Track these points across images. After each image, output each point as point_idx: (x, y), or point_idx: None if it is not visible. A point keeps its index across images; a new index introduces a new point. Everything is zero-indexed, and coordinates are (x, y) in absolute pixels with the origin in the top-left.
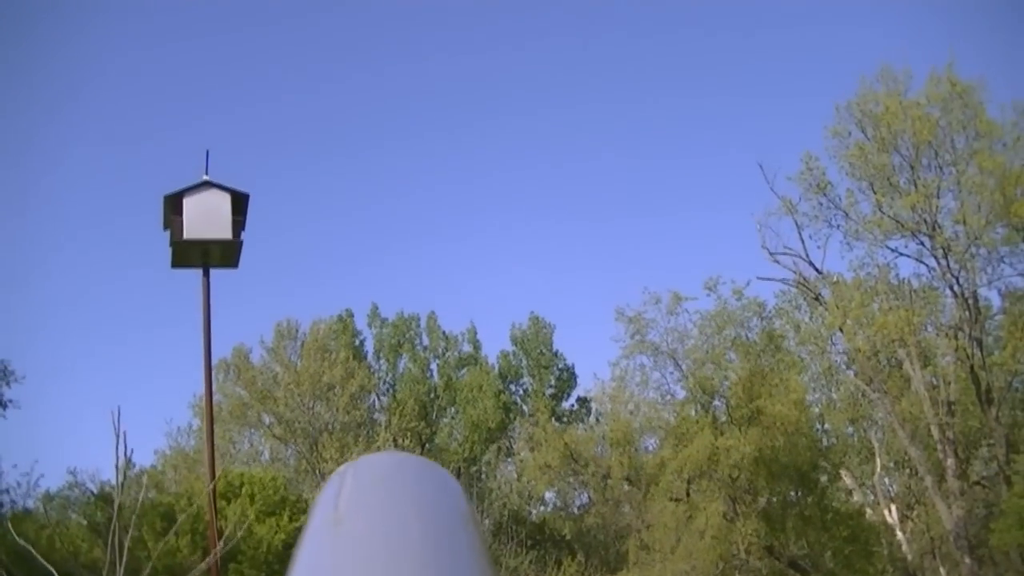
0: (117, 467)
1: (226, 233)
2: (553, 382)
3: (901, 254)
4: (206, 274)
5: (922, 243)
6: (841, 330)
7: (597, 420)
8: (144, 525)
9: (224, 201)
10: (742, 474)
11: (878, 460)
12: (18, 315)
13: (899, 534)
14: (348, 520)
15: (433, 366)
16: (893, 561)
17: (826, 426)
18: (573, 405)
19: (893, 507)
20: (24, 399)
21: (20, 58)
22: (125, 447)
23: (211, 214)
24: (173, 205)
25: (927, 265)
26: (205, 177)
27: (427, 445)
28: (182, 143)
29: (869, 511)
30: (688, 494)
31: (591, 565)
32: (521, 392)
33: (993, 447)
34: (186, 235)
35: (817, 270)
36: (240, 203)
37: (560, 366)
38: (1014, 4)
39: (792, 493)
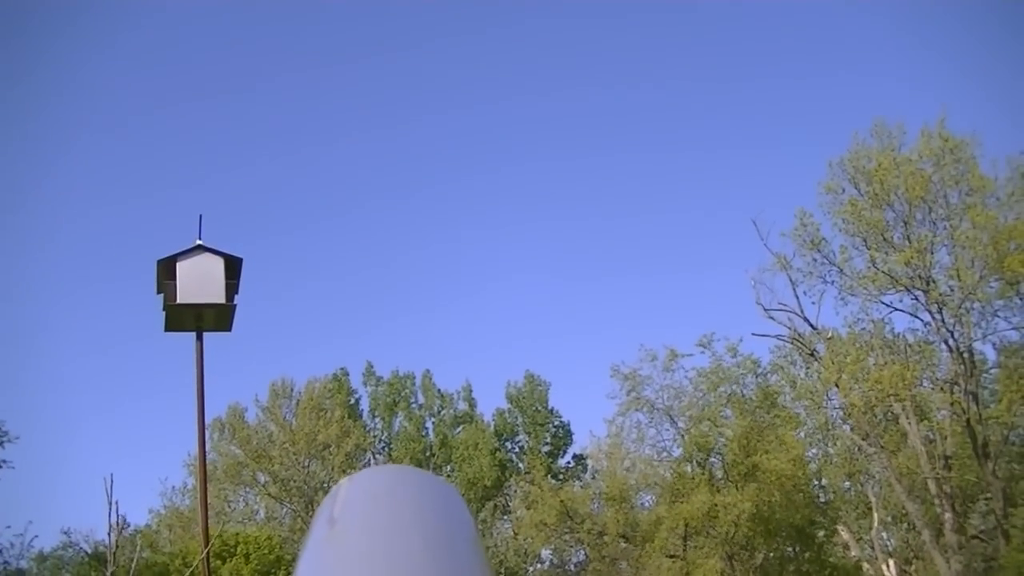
0: (110, 533)
1: (219, 297)
2: (549, 439)
3: (896, 309)
4: (199, 338)
5: (916, 298)
6: (837, 385)
7: (593, 477)
8: None
9: (217, 265)
10: (739, 530)
11: (875, 515)
12: (13, 376)
13: None
14: (346, 530)
15: (429, 424)
16: None
17: (823, 481)
18: (569, 462)
19: (891, 562)
20: (18, 459)
21: (13, 120)
22: (118, 514)
23: (204, 278)
24: (166, 269)
25: (922, 320)
26: (198, 241)
27: None
28: (176, 206)
29: (867, 566)
30: (685, 551)
31: None
32: (517, 450)
33: (990, 501)
34: (179, 299)
35: (812, 326)
36: (233, 267)
37: (556, 423)
38: (1007, 60)
39: (789, 549)
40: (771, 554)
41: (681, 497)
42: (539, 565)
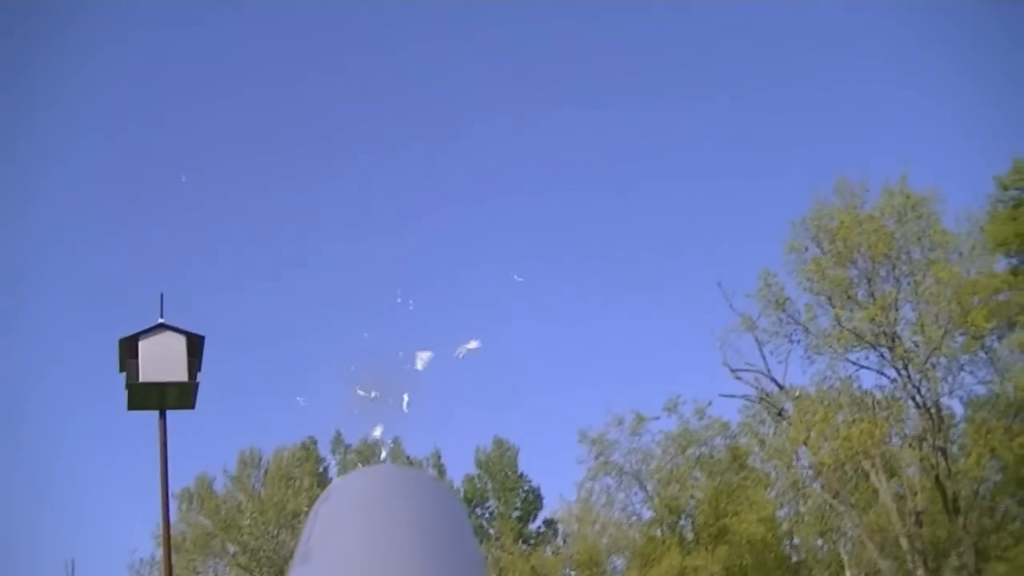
0: None
1: (182, 376)
2: (519, 504)
3: (862, 367)
4: (162, 416)
5: (882, 355)
6: (805, 444)
7: (564, 542)
8: None
9: (180, 344)
10: None
11: (848, 573)
12: None
13: None
14: (339, 531)
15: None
16: None
17: (795, 541)
18: (540, 527)
19: None
20: None
21: None
22: None
23: (167, 357)
24: (128, 348)
25: (888, 376)
26: (160, 320)
27: None
28: (136, 280)
29: None
30: None
31: None
32: (487, 515)
33: (962, 555)
34: (142, 378)
35: (779, 385)
36: (196, 345)
37: (525, 488)
38: (966, 113)
39: None
40: None
41: (651, 561)
42: None
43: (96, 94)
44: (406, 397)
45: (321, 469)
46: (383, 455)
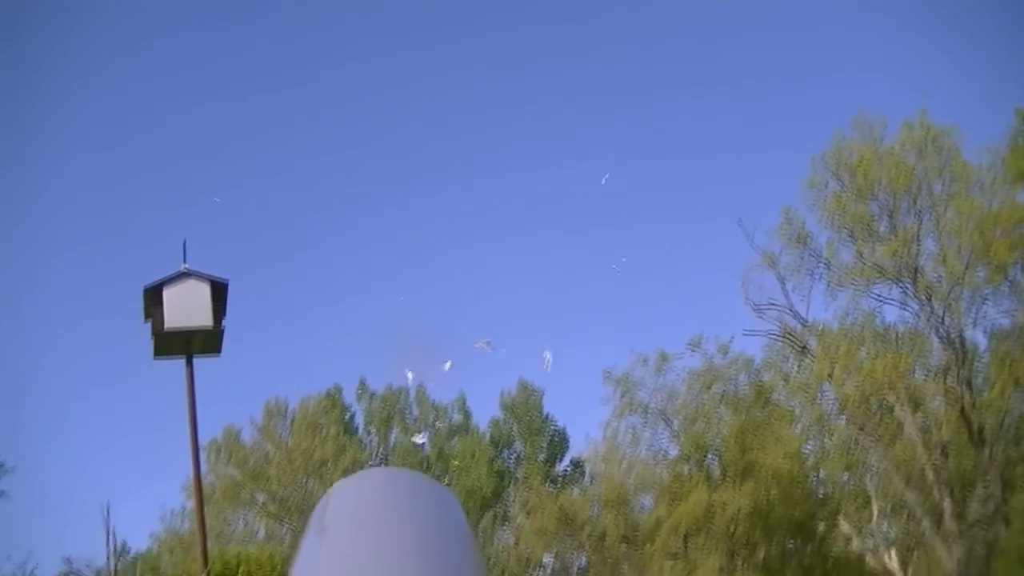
0: (109, 559)
1: (207, 321)
2: (545, 446)
3: (885, 300)
4: (189, 363)
5: (905, 288)
6: (830, 378)
7: (591, 482)
8: None
9: (204, 290)
10: (739, 528)
11: (875, 506)
12: (5, 408)
13: None
14: (338, 534)
15: (425, 435)
16: None
17: (821, 475)
18: (567, 468)
19: (893, 552)
20: (16, 490)
21: None
22: (115, 541)
23: (191, 304)
24: (153, 297)
25: (911, 310)
26: (184, 267)
27: None
28: (159, 230)
29: (869, 557)
30: (685, 550)
31: None
32: (514, 458)
33: (989, 486)
34: (167, 326)
35: (802, 321)
36: (220, 291)
37: (551, 430)
38: (986, 48)
39: (790, 543)
40: (772, 549)
41: (679, 498)
42: (541, 572)
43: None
44: (548, 356)
45: (347, 417)
46: (409, 397)
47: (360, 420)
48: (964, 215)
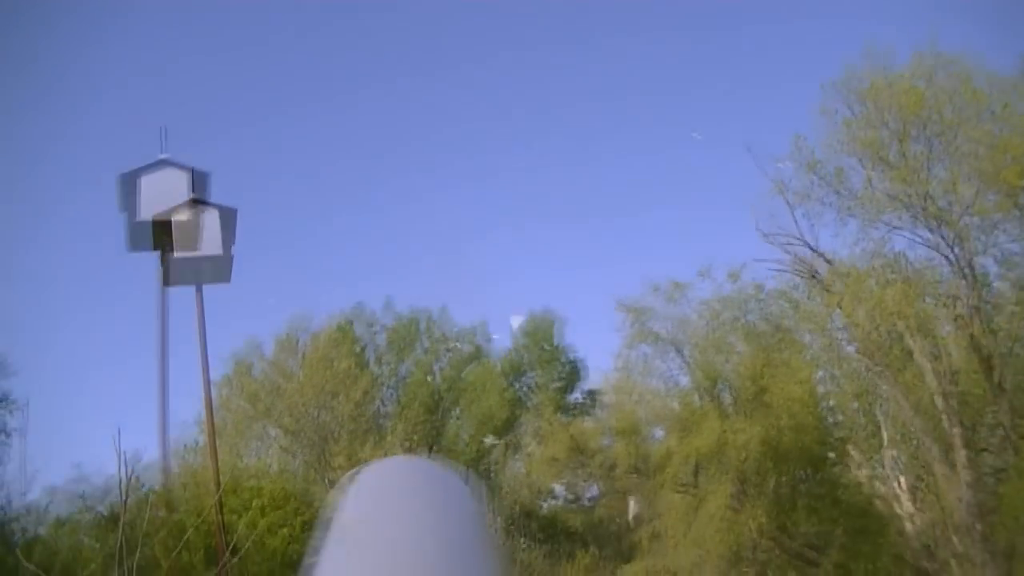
0: (121, 487)
1: (217, 249)
2: (559, 376)
3: (895, 228)
4: (199, 290)
5: (915, 215)
6: (840, 307)
7: (605, 412)
8: (155, 544)
9: (182, 180)
10: (749, 458)
11: (884, 434)
12: (13, 345)
13: (908, 505)
14: (359, 524)
15: (437, 367)
16: (905, 534)
17: (831, 403)
18: (580, 398)
19: (902, 479)
20: (27, 427)
21: None
22: (126, 467)
23: (168, 194)
24: (130, 186)
25: (921, 237)
26: (162, 156)
27: (434, 446)
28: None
29: (879, 484)
30: (696, 482)
31: (604, 556)
32: (528, 387)
33: (998, 413)
34: (140, 217)
35: (812, 248)
36: (228, 219)
37: (565, 359)
38: None
39: (801, 473)
40: (783, 479)
41: (691, 428)
42: (554, 501)
43: None
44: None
45: (359, 348)
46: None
47: (372, 353)
48: (974, 140)
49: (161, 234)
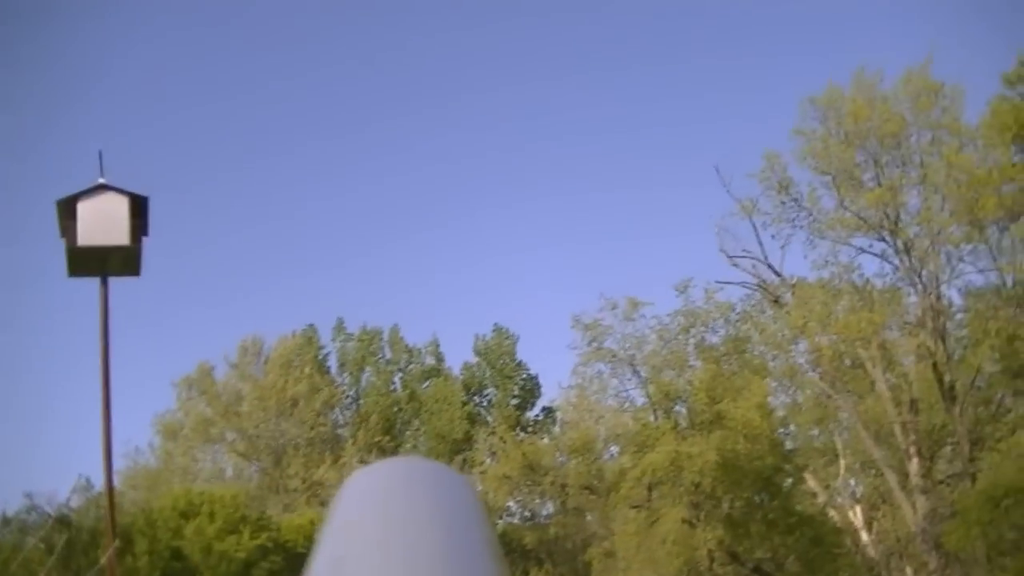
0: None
1: (124, 239)
2: (517, 392)
3: (864, 251)
4: (104, 283)
5: (885, 239)
6: (803, 331)
7: (561, 428)
8: (100, 547)
9: (122, 205)
10: (704, 479)
11: (842, 461)
12: None
13: (864, 536)
14: (358, 523)
15: (397, 379)
16: (857, 564)
17: (791, 428)
18: (538, 415)
19: (858, 508)
20: None
21: None
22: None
23: (108, 219)
24: (67, 211)
25: (891, 263)
26: (101, 180)
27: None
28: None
29: (833, 513)
30: (649, 500)
31: (558, 574)
32: (486, 403)
33: (958, 444)
34: (81, 242)
35: (777, 273)
36: (140, 206)
37: (523, 376)
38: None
39: (756, 497)
40: (737, 502)
41: (646, 447)
42: (510, 518)
43: None
44: None
45: (321, 356)
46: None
47: (334, 361)
48: (953, 167)
49: (102, 260)
